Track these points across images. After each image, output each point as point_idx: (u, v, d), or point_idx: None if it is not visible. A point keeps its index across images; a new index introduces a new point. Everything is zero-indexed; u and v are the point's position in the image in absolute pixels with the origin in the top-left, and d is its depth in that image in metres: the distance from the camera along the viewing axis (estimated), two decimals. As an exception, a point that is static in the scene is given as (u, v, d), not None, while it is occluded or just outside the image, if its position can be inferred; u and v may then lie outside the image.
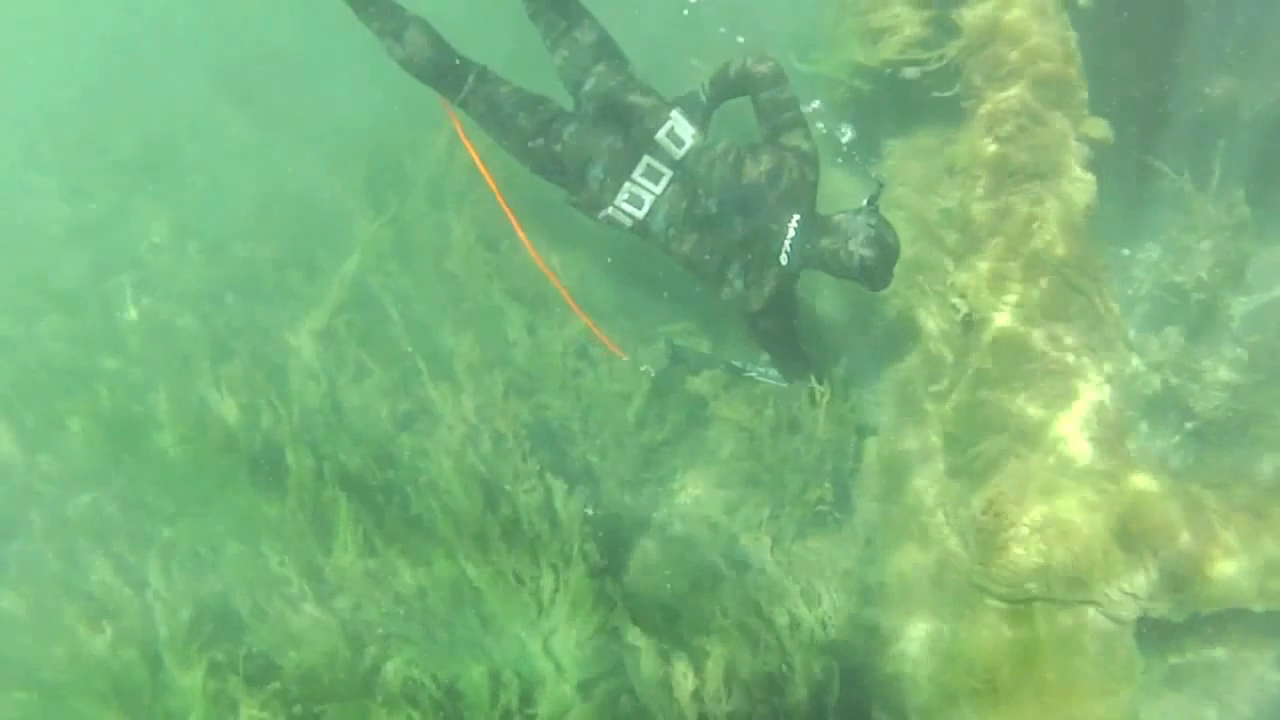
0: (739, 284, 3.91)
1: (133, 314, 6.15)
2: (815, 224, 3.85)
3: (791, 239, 3.80)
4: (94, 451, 5.71)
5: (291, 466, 5.15)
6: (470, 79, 4.03)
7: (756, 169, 3.89)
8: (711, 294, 4.09)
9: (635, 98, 4.02)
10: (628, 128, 3.98)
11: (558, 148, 4.02)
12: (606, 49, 4.14)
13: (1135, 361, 4.65)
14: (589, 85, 4.06)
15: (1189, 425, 4.76)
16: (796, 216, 3.83)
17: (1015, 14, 4.31)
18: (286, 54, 8.15)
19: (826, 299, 5.00)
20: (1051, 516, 3.28)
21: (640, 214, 4.00)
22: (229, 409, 5.44)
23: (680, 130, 3.98)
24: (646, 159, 3.96)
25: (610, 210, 4.03)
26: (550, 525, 4.42)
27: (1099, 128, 4.19)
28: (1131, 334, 4.92)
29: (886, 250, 3.75)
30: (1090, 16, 4.50)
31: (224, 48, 8.23)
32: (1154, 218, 5.03)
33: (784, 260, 3.84)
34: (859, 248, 3.70)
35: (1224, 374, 4.75)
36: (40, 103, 8.90)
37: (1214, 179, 4.74)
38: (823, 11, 5.29)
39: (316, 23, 7.44)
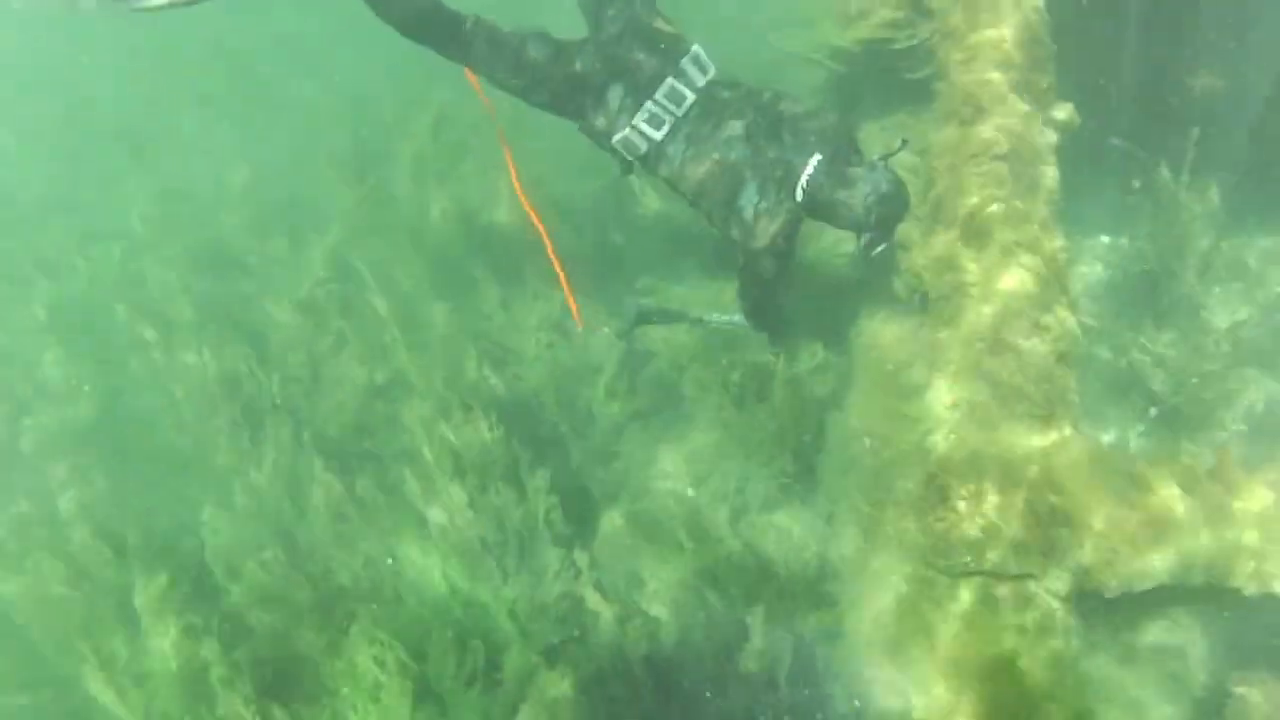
0: (749, 213, 3.85)
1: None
2: (834, 170, 3.82)
3: (810, 175, 3.80)
4: (78, 414, 5.85)
5: (270, 432, 5.28)
6: (468, 24, 3.96)
7: (794, 107, 3.95)
8: (717, 228, 4.03)
9: (660, 24, 4.05)
10: (652, 50, 3.95)
11: (577, 66, 3.95)
12: None
13: (1099, 347, 4.70)
14: (612, 10, 4.03)
15: (1154, 411, 4.82)
16: (818, 156, 3.82)
17: (987, -3, 4.34)
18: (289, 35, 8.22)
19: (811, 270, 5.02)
20: (988, 491, 3.34)
21: (659, 135, 3.94)
22: (211, 374, 5.55)
23: (704, 58, 4.00)
24: (670, 80, 3.92)
25: (628, 132, 3.96)
26: (517, 494, 4.49)
27: (1065, 111, 4.21)
28: (1096, 321, 4.98)
29: (898, 204, 3.82)
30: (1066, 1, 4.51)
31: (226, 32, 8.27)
32: (1129, 205, 5.05)
33: (799, 196, 3.83)
34: (873, 201, 3.75)
35: (1190, 360, 4.79)
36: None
37: (1187, 169, 4.76)
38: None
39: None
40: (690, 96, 3.93)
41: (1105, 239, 5.45)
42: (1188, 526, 3.22)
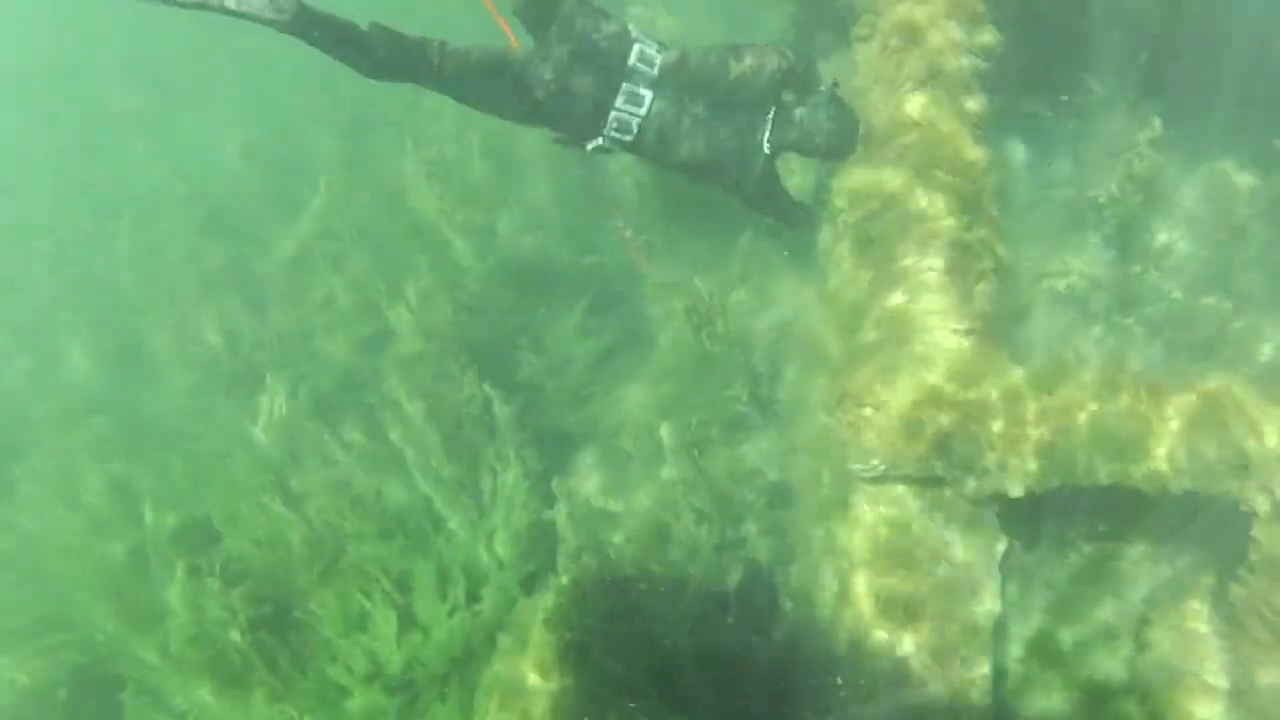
0: (731, 176, 4.27)
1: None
2: (786, 117, 4.23)
3: (770, 131, 4.20)
4: (94, 380, 6.25)
5: (269, 387, 5.61)
6: (435, 59, 3.89)
7: (740, 65, 4.18)
8: (707, 185, 4.40)
9: (604, 27, 4.09)
10: (602, 61, 4.05)
11: (540, 97, 4.05)
12: None
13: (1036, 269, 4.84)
14: (554, 26, 4.03)
15: (1096, 330, 4.93)
16: (773, 110, 4.20)
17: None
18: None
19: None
20: (901, 403, 3.51)
21: (630, 138, 4.19)
22: (213, 336, 5.90)
23: (649, 50, 4.16)
24: (625, 86, 4.10)
25: (600, 141, 4.20)
26: (488, 433, 4.77)
27: (988, 34, 4.30)
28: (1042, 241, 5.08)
29: (847, 133, 4.27)
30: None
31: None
32: (1069, 131, 5.14)
33: (766, 149, 4.23)
34: (822, 136, 4.22)
35: (1128, 282, 4.91)
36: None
37: (1129, 95, 4.84)
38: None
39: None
40: (648, 95, 4.13)
41: (1051, 165, 5.50)
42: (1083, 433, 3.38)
